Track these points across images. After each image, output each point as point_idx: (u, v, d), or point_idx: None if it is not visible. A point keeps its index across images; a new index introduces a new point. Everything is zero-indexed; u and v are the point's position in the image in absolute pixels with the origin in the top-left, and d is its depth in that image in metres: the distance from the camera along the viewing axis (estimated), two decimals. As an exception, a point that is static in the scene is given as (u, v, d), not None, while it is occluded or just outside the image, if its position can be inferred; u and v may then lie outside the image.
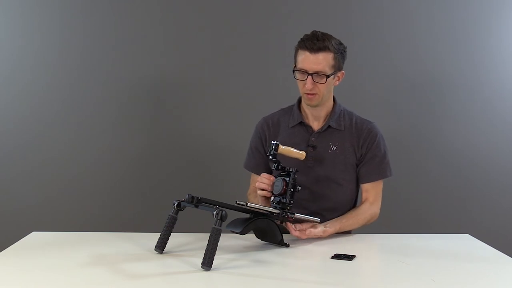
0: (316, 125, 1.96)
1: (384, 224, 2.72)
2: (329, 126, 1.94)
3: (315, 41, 1.81)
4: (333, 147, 1.92)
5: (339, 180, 1.94)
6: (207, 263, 1.46)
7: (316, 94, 1.86)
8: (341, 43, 1.88)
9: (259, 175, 1.92)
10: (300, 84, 1.87)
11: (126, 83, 2.69)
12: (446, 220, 2.74)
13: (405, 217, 2.74)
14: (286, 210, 1.72)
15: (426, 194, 2.75)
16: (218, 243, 1.47)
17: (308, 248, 1.75)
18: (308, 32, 1.88)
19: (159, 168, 2.72)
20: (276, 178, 1.76)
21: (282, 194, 1.72)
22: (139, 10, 2.66)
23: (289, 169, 1.74)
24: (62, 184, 2.70)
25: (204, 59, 2.70)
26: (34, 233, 1.89)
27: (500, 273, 1.52)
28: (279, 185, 1.73)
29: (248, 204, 1.64)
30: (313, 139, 1.94)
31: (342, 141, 1.93)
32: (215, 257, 1.46)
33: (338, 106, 1.98)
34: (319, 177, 1.93)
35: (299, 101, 1.99)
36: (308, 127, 1.96)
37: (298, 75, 1.86)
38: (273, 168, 1.77)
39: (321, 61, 1.82)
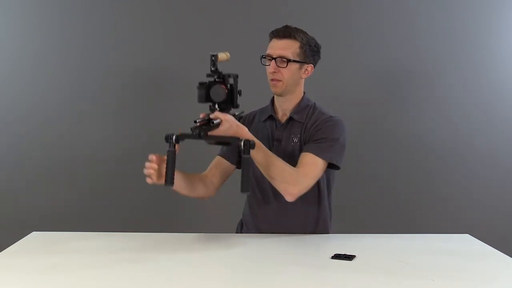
0: (282, 119, 1.97)
1: (384, 224, 2.74)
2: (291, 118, 1.94)
3: (282, 29, 1.88)
4: (295, 139, 1.92)
5: None
6: (246, 189, 1.56)
7: (280, 81, 1.87)
8: (313, 39, 1.91)
9: (224, 158, 1.98)
10: (267, 71, 1.90)
11: (127, 82, 2.69)
12: (446, 220, 2.74)
13: (405, 217, 2.74)
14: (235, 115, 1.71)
15: (426, 194, 2.75)
16: (218, 245, 1.48)
17: (308, 248, 1.75)
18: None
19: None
20: (202, 85, 1.66)
21: (226, 100, 1.64)
22: (139, 10, 2.66)
23: (227, 74, 1.66)
24: (62, 184, 2.70)
25: (204, 59, 2.69)
26: (34, 233, 1.89)
27: (500, 273, 1.52)
28: (221, 91, 1.64)
29: (197, 121, 1.60)
30: (278, 132, 1.95)
31: (302, 133, 1.92)
32: (213, 257, 1.46)
33: (305, 101, 1.96)
34: None
35: (273, 97, 2.01)
36: (276, 121, 1.97)
37: (264, 61, 1.90)
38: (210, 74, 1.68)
39: (285, 46, 1.86)
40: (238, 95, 1.69)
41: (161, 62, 2.69)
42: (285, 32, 1.86)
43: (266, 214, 1.96)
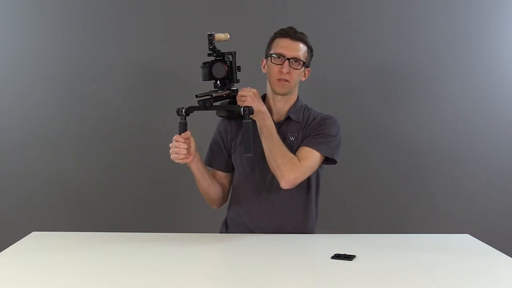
0: (277, 118, 2.00)
1: (384, 224, 2.74)
2: (288, 118, 1.97)
3: (296, 31, 1.93)
4: (292, 138, 1.95)
5: None
6: (247, 151, 1.71)
7: (288, 81, 1.91)
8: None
9: (219, 170, 2.03)
10: (274, 69, 1.91)
11: (128, 82, 2.69)
12: (446, 220, 2.74)
13: (405, 217, 2.74)
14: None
15: (426, 194, 2.75)
16: (215, 244, 1.47)
17: (308, 248, 1.75)
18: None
19: (160, 168, 2.71)
20: (205, 65, 1.81)
21: (227, 76, 1.81)
22: (140, 10, 2.66)
23: (226, 53, 1.82)
24: (62, 184, 2.70)
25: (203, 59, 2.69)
26: (34, 233, 1.89)
27: (500, 273, 1.52)
28: (221, 69, 1.80)
29: (198, 95, 1.77)
30: None
31: (300, 132, 1.96)
32: (212, 257, 1.47)
33: (299, 101, 2.02)
34: None
35: (264, 97, 2.03)
36: None
37: (274, 60, 1.90)
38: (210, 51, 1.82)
39: (299, 48, 1.91)
40: (237, 71, 1.85)
41: (161, 62, 2.68)
42: (300, 35, 1.91)
43: (255, 211, 1.96)
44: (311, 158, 1.88)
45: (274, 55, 1.90)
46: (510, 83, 2.72)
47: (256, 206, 1.96)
